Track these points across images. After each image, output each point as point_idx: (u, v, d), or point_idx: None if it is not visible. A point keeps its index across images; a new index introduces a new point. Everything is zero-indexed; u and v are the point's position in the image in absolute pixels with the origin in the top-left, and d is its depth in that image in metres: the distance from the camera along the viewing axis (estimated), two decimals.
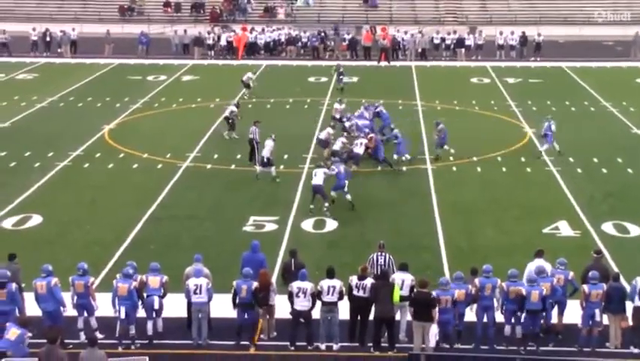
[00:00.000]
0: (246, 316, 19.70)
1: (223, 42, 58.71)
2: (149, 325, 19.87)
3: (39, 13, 67.23)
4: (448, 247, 25.31)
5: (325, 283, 19.61)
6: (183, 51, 58.67)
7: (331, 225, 27.22)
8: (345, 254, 24.35)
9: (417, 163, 33.46)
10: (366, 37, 58.53)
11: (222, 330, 20.05)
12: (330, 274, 19.80)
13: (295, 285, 19.69)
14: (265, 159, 31.27)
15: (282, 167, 32.85)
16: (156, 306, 19.84)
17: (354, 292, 19.68)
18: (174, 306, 20.28)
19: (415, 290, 19.50)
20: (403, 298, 19.62)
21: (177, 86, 48.83)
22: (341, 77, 47.31)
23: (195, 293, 19.66)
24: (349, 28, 61.69)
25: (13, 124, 39.51)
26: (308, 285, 19.66)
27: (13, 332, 17.62)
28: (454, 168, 33.07)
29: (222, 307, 20.40)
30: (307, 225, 27.22)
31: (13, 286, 19.55)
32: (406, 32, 58.76)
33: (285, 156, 33.91)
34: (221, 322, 20.22)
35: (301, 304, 19.66)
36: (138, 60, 56.35)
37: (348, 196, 28.73)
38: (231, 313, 20.26)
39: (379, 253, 21.27)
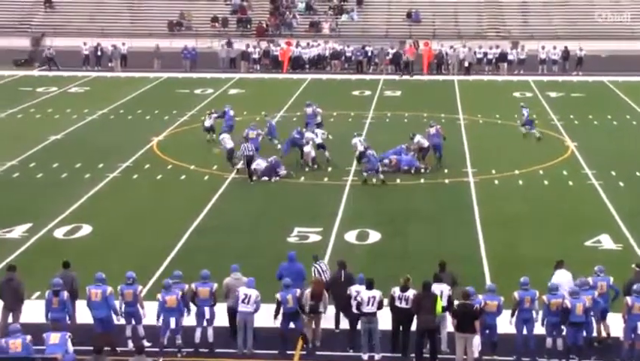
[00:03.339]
0: (292, 325, 20.06)
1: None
2: (198, 332, 20.24)
3: (91, 29, 68.14)
4: (490, 258, 25.46)
5: (365, 294, 19.93)
6: (230, 65, 59.50)
7: (374, 236, 27.57)
8: (388, 265, 24.59)
9: (460, 176, 33.76)
10: (409, 51, 58.85)
11: (266, 340, 20.30)
12: (370, 285, 20.15)
13: (354, 289, 20.12)
14: None
15: (325, 179, 33.34)
16: (207, 316, 20.25)
17: (397, 303, 19.85)
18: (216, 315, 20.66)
19: (458, 302, 19.58)
20: (442, 309, 19.88)
21: (224, 99, 49.32)
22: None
23: (243, 302, 19.98)
24: (393, 43, 62.03)
25: (65, 136, 40.23)
26: (362, 288, 20.12)
27: (54, 337, 17.98)
28: (496, 181, 33.27)
29: (267, 317, 20.69)
30: (350, 236, 27.54)
31: (65, 294, 20.02)
32: (452, 48, 58.86)
33: (329, 169, 34.38)
34: (265, 332, 20.47)
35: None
36: (186, 74, 57.11)
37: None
38: (275, 322, 20.71)
39: (319, 262, 21.96)
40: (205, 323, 20.33)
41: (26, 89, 52.13)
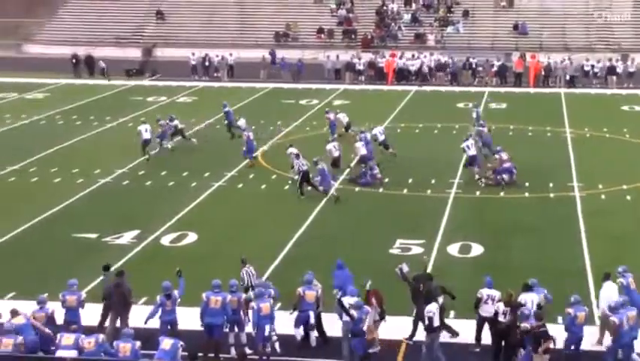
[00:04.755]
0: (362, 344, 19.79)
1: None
2: (298, 335, 20.73)
3: (199, 39, 69.59)
4: (595, 273, 24.87)
5: (434, 308, 19.88)
6: (335, 76, 59.87)
7: (477, 249, 27.43)
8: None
9: (565, 190, 33.32)
10: (517, 63, 58.24)
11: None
12: (430, 300, 20.17)
13: (485, 292, 20.45)
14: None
15: (429, 191, 33.29)
16: (312, 321, 20.60)
17: (500, 318, 19.85)
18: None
19: (536, 325, 19.24)
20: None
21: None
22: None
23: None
24: (499, 55, 61.49)
25: (173, 145, 40.85)
26: (496, 292, 20.38)
27: (166, 343, 18.25)
28: (603, 196, 32.72)
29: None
30: (453, 249, 27.45)
31: (176, 293, 20.65)
32: (562, 60, 57.93)
33: (433, 181, 34.31)
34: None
35: (487, 310, 20.23)
36: (292, 85, 57.68)
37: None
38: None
39: (247, 267, 22.18)
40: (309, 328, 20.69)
41: (137, 99, 53.45)
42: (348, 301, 19.95)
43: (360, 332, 19.54)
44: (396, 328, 21.43)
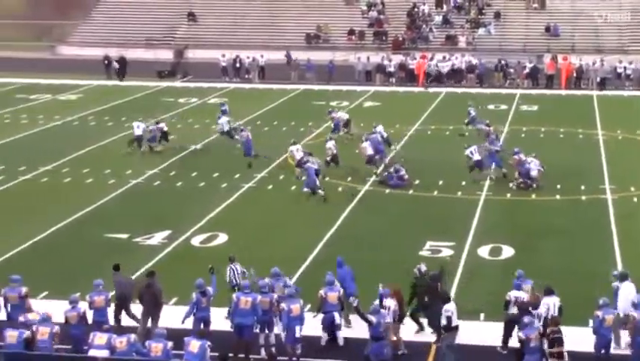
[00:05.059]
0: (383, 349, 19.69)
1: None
2: (324, 339, 20.74)
3: (231, 41, 69.78)
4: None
5: (452, 307, 19.91)
6: (366, 78, 59.83)
7: (508, 252, 27.34)
8: None
9: (597, 193, 33.12)
10: (549, 65, 57.96)
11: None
12: (448, 299, 20.25)
13: (513, 294, 20.44)
14: None
15: (459, 193, 33.22)
16: (337, 321, 20.61)
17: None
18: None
19: (550, 330, 19.22)
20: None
21: (359, 111, 49.61)
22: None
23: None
24: (530, 57, 61.17)
25: (204, 146, 41.17)
26: (524, 294, 20.38)
27: (194, 345, 18.19)
28: (635, 199, 32.48)
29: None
30: (483, 251, 27.37)
31: (210, 290, 20.77)
32: (594, 62, 57.54)
33: (463, 183, 34.24)
34: None
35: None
36: (323, 86, 57.63)
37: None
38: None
39: (233, 265, 22.18)
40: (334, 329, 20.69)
41: (169, 100, 53.75)
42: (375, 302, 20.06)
43: (381, 336, 19.53)
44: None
